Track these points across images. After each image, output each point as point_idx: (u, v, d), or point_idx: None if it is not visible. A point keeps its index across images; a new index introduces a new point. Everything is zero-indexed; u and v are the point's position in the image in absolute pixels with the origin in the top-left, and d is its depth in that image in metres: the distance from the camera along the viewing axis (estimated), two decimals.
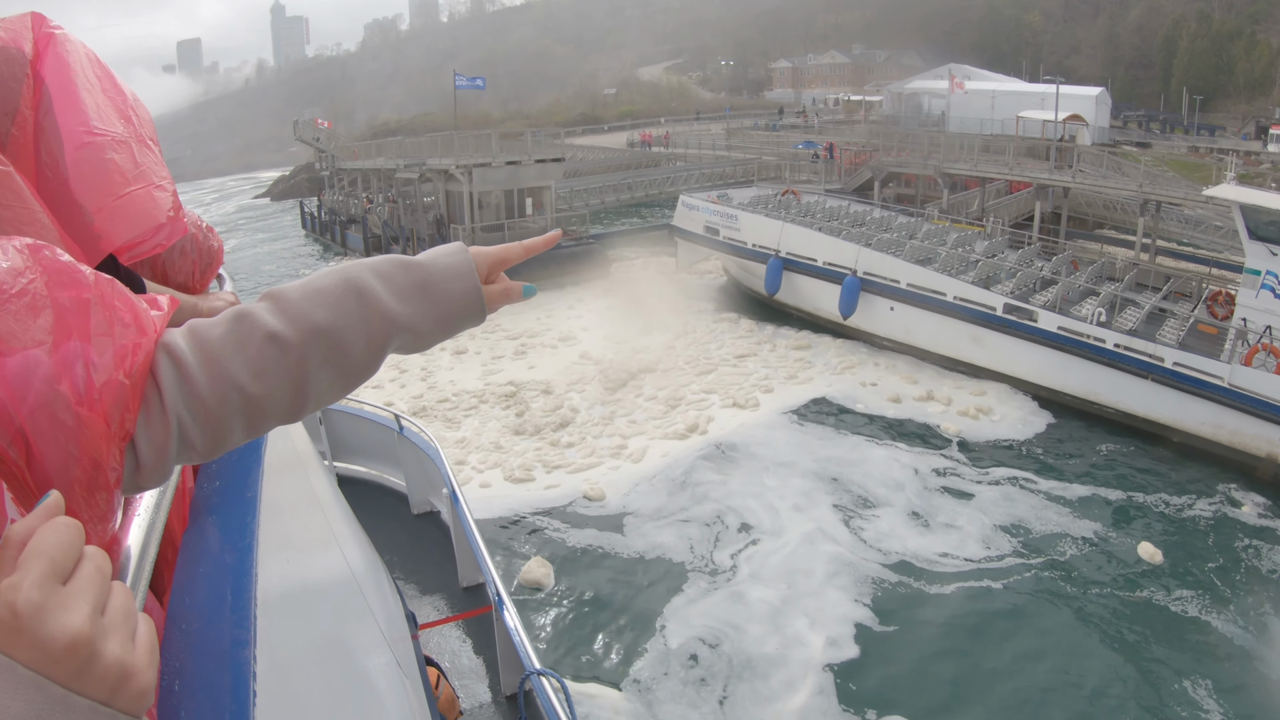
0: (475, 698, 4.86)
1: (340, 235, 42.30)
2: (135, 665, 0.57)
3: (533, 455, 16.72)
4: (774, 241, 25.24)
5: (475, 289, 1.03)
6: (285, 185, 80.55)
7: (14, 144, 1.41)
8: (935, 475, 16.02)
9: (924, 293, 21.84)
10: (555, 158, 32.14)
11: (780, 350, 22.90)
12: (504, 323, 25.29)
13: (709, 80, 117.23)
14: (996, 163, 36.05)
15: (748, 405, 19.10)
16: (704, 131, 69.05)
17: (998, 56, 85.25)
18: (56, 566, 0.56)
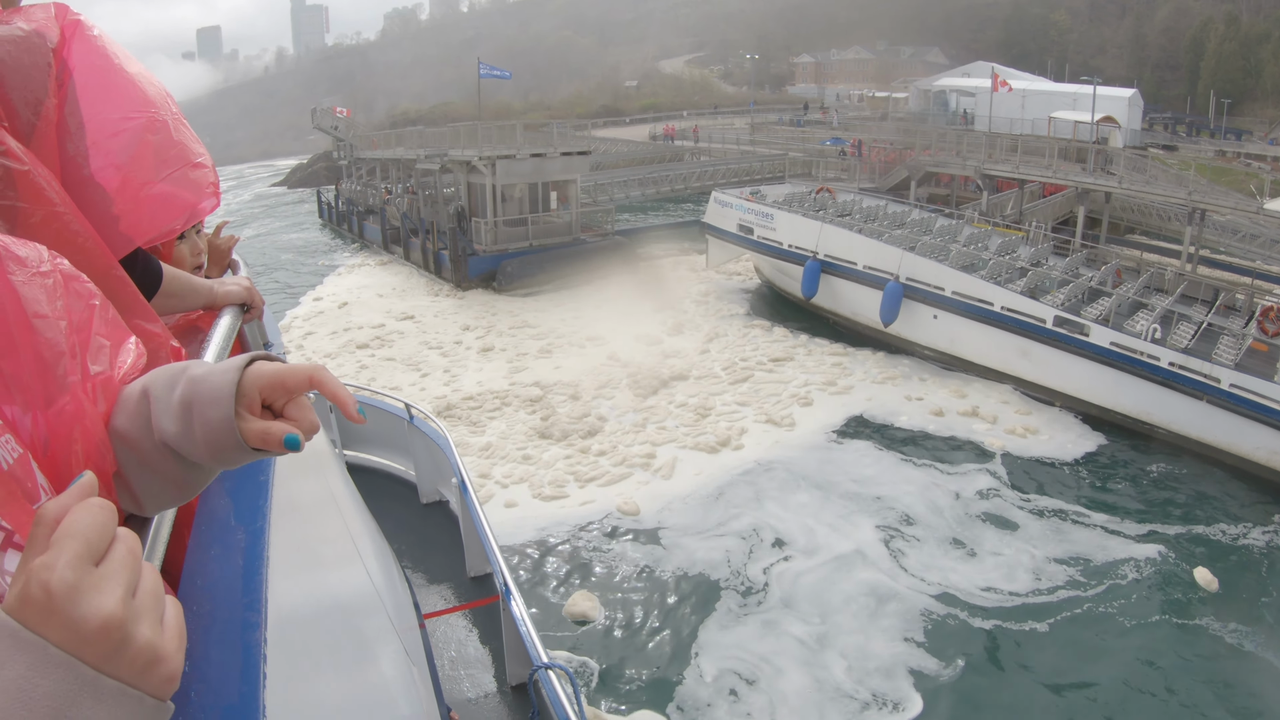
0: (481, 688, 4.85)
1: (358, 226, 41.36)
2: (165, 649, 0.57)
3: (563, 467, 15.73)
4: (812, 243, 24.11)
5: (228, 419, 0.90)
6: (303, 173, 79.82)
7: (38, 135, 1.41)
8: (979, 498, 15.10)
9: (970, 301, 20.72)
10: (581, 150, 31.06)
11: (817, 356, 21.81)
12: (530, 319, 24.39)
13: (731, 74, 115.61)
14: (1038, 165, 34.73)
15: (783, 423, 17.99)
16: (727, 126, 67.85)
17: (1023, 55, 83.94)
18: (90, 547, 0.56)
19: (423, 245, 31.87)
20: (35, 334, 0.85)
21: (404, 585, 3.96)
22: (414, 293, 29.43)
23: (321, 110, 50.11)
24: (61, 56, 1.49)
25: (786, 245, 24.88)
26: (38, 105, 1.41)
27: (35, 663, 0.52)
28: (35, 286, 0.86)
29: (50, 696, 0.52)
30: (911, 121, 63.40)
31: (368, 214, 41.07)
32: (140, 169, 1.55)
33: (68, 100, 1.49)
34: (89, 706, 0.53)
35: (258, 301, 2.19)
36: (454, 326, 24.95)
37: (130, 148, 1.55)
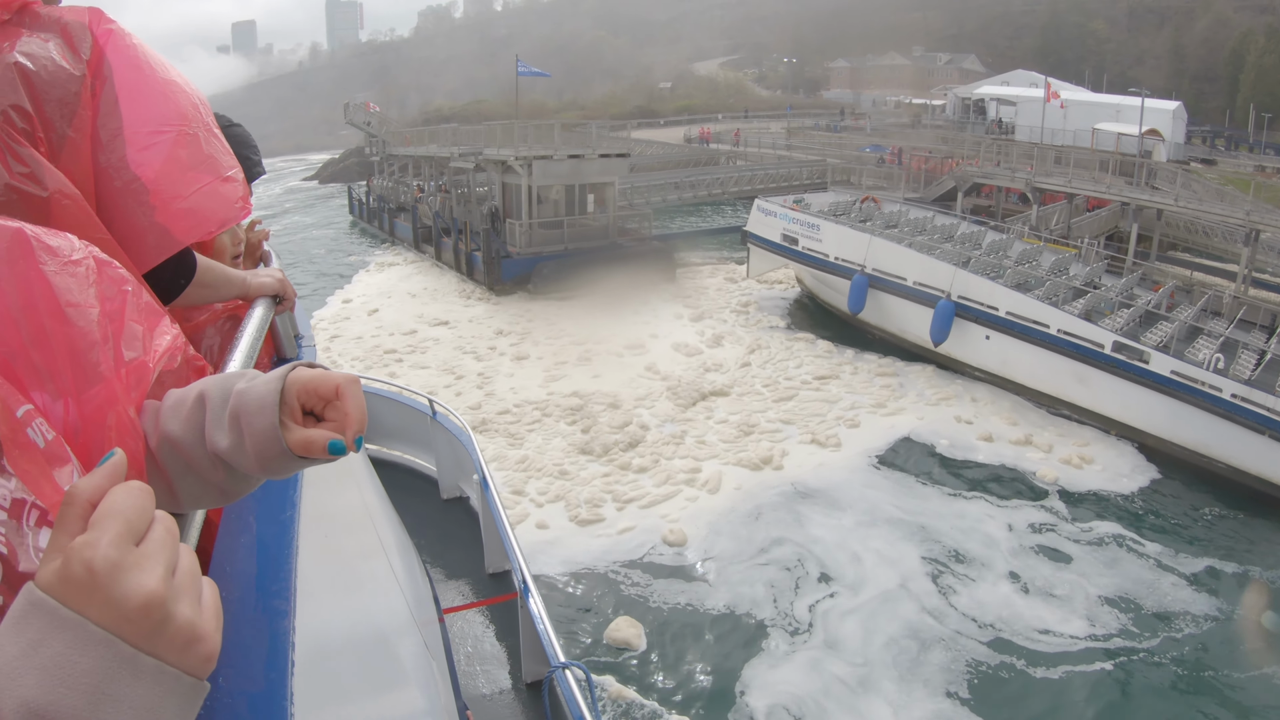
0: (496, 684, 4.85)
1: (389, 224, 40.77)
2: (204, 628, 0.58)
3: (600, 485, 14.95)
4: (860, 256, 23.13)
5: (273, 427, 0.91)
6: (334, 169, 79.71)
7: (70, 146, 1.43)
8: (1032, 531, 14.42)
9: (1025, 323, 19.78)
10: (620, 153, 30.13)
11: (864, 375, 20.85)
12: (566, 326, 23.57)
13: (765, 77, 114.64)
14: (1089, 179, 33.44)
15: (828, 444, 17.19)
16: (763, 130, 66.79)
17: (1060, 64, 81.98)
18: (132, 527, 0.57)
19: (455, 246, 31.16)
20: (68, 323, 0.86)
21: (425, 579, 3.97)
22: (445, 295, 28.67)
23: (354, 105, 49.60)
24: (95, 66, 1.51)
25: (833, 258, 23.93)
26: (70, 116, 1.43)
27: (74, 640, 0.52)
28: (67, 275, 0.88)
29: (89, 674, 0.52)
30: (950, 129, 62.29)
31: (399, 211, 40.47)
32: (170, 184, 1.56)
33: (101, 111, 1.50)
34: (127, 684, 0.53)
35: (290, 293, 2.21)
36: (488, 331, 24.18)
37: (160, 162, 1.55)
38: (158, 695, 0.54)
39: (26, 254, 0.85)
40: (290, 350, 2.47)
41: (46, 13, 1.51)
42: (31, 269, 0.85)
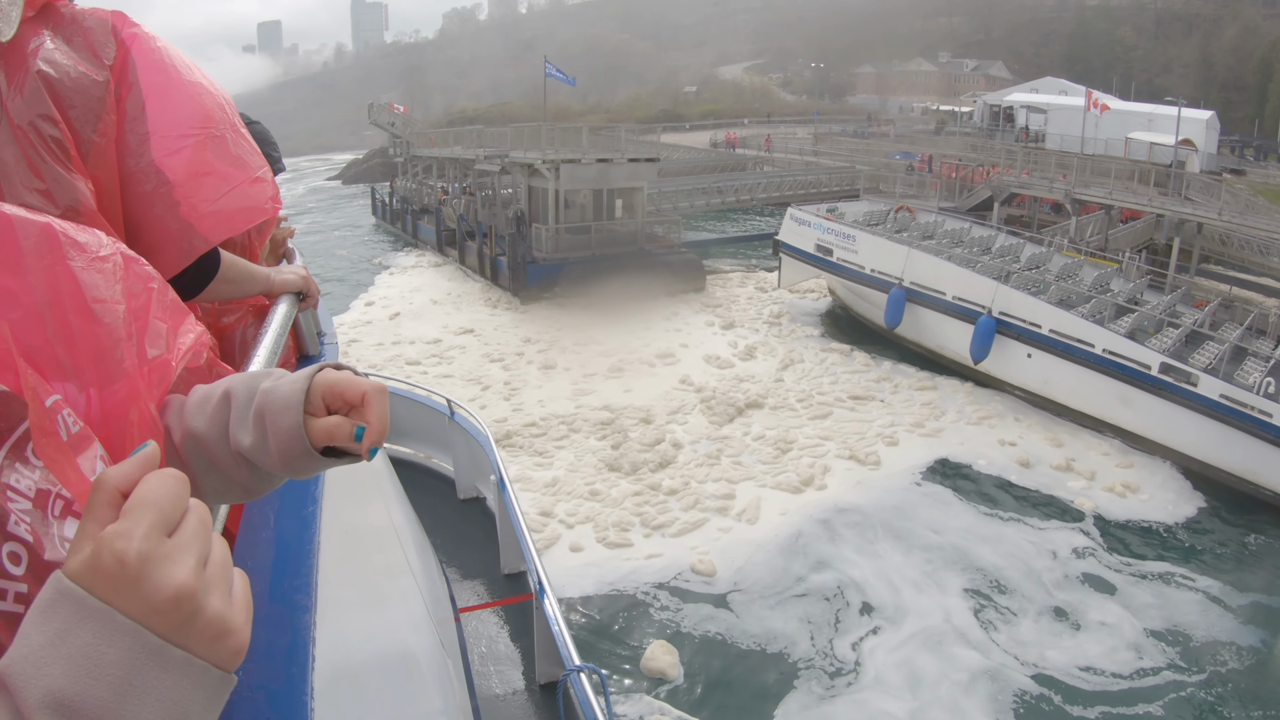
0: (510, 685, 4.83)
1: (412, 226, 40.32)
2: (235, 621, 0.57)
3: (630, 507, 14.31)
4: (897, 269, 22.37)
5: (297, 425, 0.91)
6: (358, 169, 79.86)
7: (96, 152, 1.44)
8: (1073, 559, 13.78)
9: (1069, 341, 19.04)
10: (650, 157, 29.39)
11: (903, 392, 20.10)
12: (595, 335, 22.89)
13: (790, 82, 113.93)
14: (1131, 191, 32.42)
15: (868, 461, 16.57)
16: (789, 135, 65.96)
17: (1087, 71, 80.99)
18: (165, 518, 0.56)
19: (479, 249, 30.52)
20: (93, 319, 0.87)
21: (441, 579, 3.96)
22: (470, 300, 28.06)
23: (379, 106, 49.25)
24: (119, 70, 1.50)
25: (869, 269, 23.18)
26: (96, 122, 1.43)
27: (103, 631, 0.52)
28: (94, 271, 0.88)
29: (117, 665, 0.51)
30: (979, 137, 61.25)
31: (422, 213, 40.04)
32: (198, 186, 1.56)
33: (127, 115, 1.50)
34: (155, 676, 0.53)
35: (313, 290, 2.21)
36: (515, 339, 23.53)
37: (188, 165, 1.55)
38: (185, 688, 0.54)
39: (54, 249, 0.85)
40: (313, 347, 2.46)
41: (69, 13, 1.49)
42: (59, 264, 0.85)
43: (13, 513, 0.67)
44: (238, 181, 1.64)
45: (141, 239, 1.53)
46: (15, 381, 0.72)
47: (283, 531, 1.26)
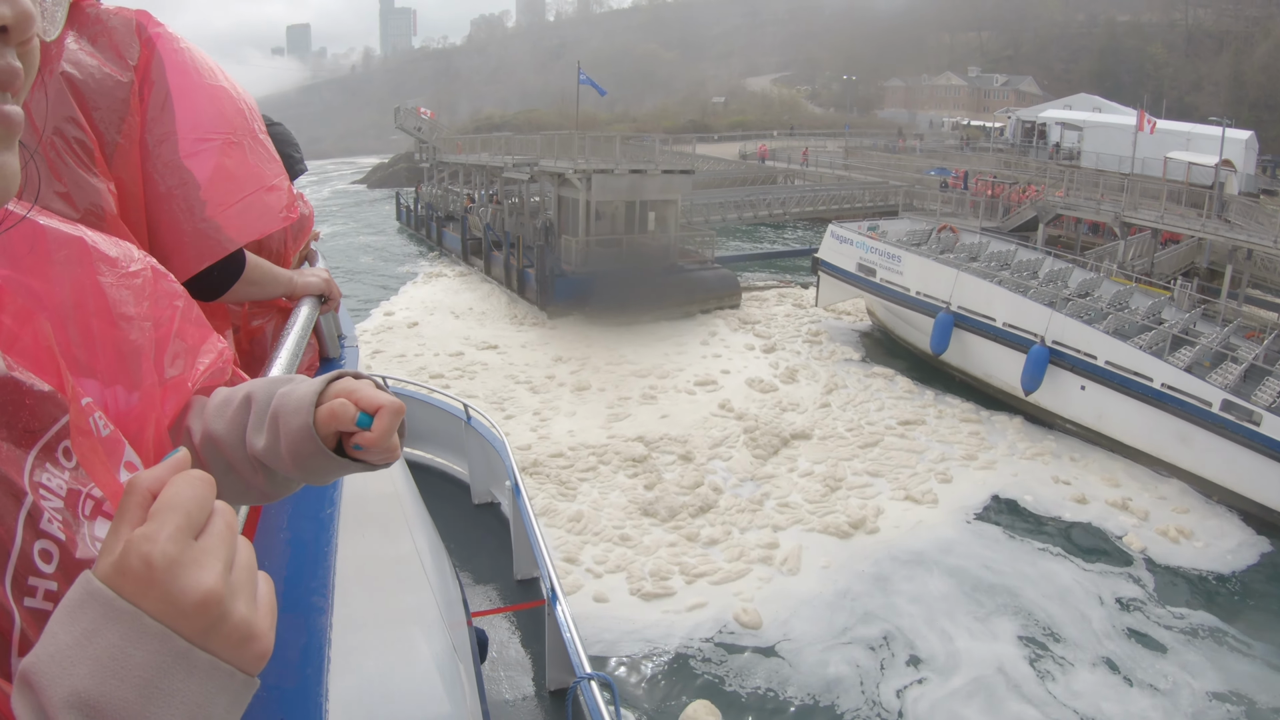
0: (520, 690, 4.83)
1: (437, 233, 39.56)
2: (259, 626, 0.57)
3: (667, 555, 13.24)
4: (945, 293, 21.29)
5: (307, 426, 0.92)
6: (383, 173, 79.81)
7: (120, 153, 1.46)
8: (1124, 609, 13.06)
9: (1125, 374, 17.96)
10: (684, 169, 28.35)
11: (950, 421, 19.02)
12: (629, 354, 21.85)
13: (818, 95, 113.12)
14: (1181, 215, 31.10)
15: (924, 500, 15.57)
16: (819, 148, 64.87)
17: (1117, 88, 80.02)
18: (191, 521, 0.57)
19: (506, 260, 29.57)
20: (118, 333, 0.89)
21: (455, 583, 4.06)
22: (494, 315, 27.07)
23: (405, 110, 48.42)
24: (143, 70, 1.51)
25: (914, 292, 22.10)
26: (120, 122, 1.45)
27: (129, 633, 0.52)
28: (123, 287, 0.91)
29: (143, 667, 0.51)
30: (1012, 153, 60.05)
31: (447, 221, 39.28)
32: (214, 192, 1.57)
33: (149, 115, 1.52)
34: (181, 679, 0.52)
35: (335, 293, 2.22)
36: (544, 357, 22.45)
37: (205, 171, 1.57)
38: (210, 691, 0.54)
39: (85, 263, 0.88)
40: (334, 350, 2.46)
41: (94, 12, 1.51)
42: (88, 277, 0.87)
43: (45, 510, 0.67)
44: (252, 189, 1.66)
45: (161, 238, 1.57)
46: (57, 381, 0.73)
47: (300, 534, 1.24)
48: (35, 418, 0.70)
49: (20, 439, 0.69)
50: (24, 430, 0.69)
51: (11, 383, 0.69)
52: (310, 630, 1.02)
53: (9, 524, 0.64)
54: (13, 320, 0.74)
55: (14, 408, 0.69)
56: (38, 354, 0.74)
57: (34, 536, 0.66)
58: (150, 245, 1.58)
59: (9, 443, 0.68)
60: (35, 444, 0.70)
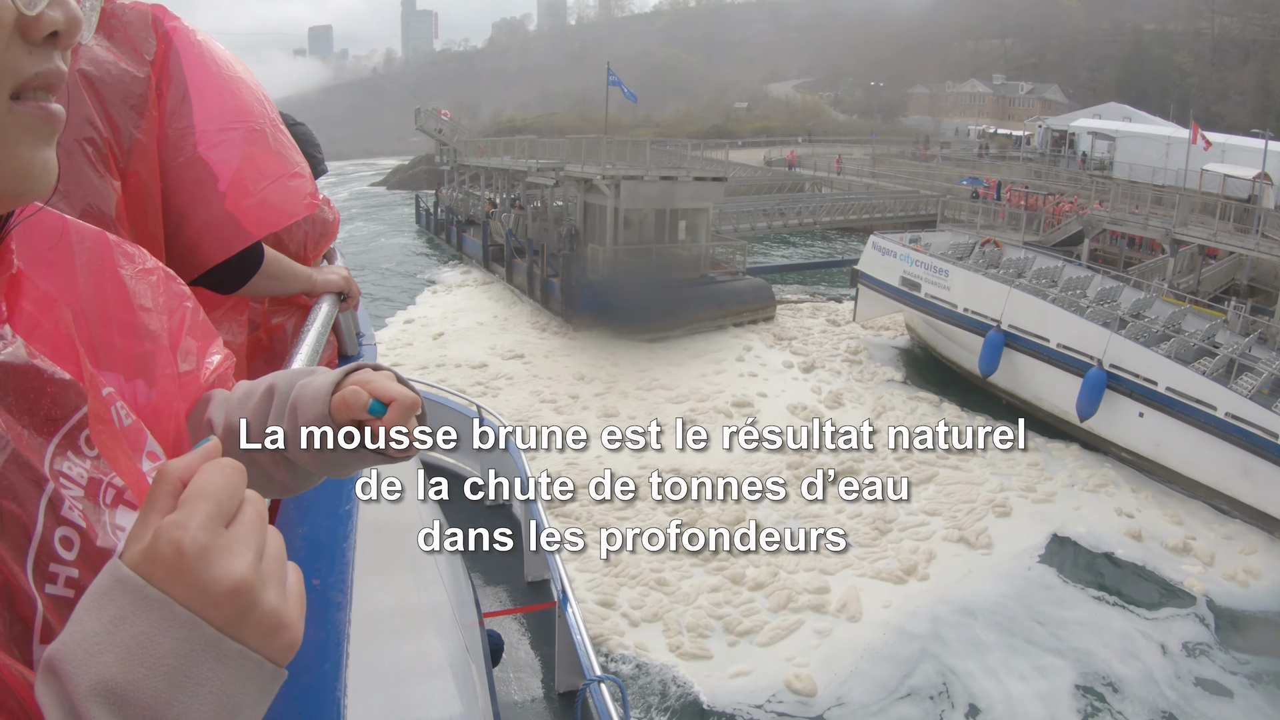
0: (529, 692, 4.87)
1: (457, 238, 38.59)
2: (289, 616, 0.57)
3: (707, 605, 12.17)
4: (995, 310, 20.13)
5: (322, 417, 0.92)
6: (403, 175, 79.51)
7: (138, 148, 1.47)
8: (1189, 655, 12.31)
9: (1187, 402, 16.89)
10: (717, 176, 27.17)
11: (1004, 450, 17.80)
12: (660, 375, 20.70)
13: (841, 101, 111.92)
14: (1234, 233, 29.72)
15: (978, 544, 14.53)
16: (845, 156, 63.66)
17: (1142, 97, 78.28)
18: (223, 509, 0.56)
19: (529, 269, 28.41)
20: (139, 325, 0.91)
21: (468, 583, 4.05)
22: (518, 324, 25.96)
23: (426, 111, 47.47)
24: (160, 65, 1.52)
25: (961, 309, 20.93)
26: (139, 118, 1.45)
27: (158, 620, 0.52)
28: (141, 281, 0.93)
29: (172, 655, 0.51)
30: (1041, 163, 58.77)
31: (468, 225, 38.29)
32: (239, 179, 1.58)
33: (168, 109, 1.53)
34: (210, 668, 0.52)
35: (354, 291, 2.23)
36: (568, 374, 21.27)
37: (229, 158, 1.58)
38: (239, 680, 0.53)
39: (107, 256, 0.90)
40: (352, 348, 2.46)
41: (109, 8, 1.51)
42: (109, 270, 0.89)
43: (66, 498, 0.67)
44: (279, 174, 1.65)
45: (184, 232, 1.57)
46: (77, 370, 0.74)
47: (318, 529, 1.25)
48: (56, 405, 0.70)
49: (41, 426, 0.69)
50: (45, 418, 0.69)
51: (32, 370, 0.70)
52: (329, 626, 1.01)
53: (31, 510, 0.64)
54: (34, 307, 0.74)
55: (35, 395, 0.69)
56: (58, 342, 0.75)
57: (55, 523, 0.65)
58: (174, 238, 1.60)
59: (30, 430, 0.68)
60: (57, 432, 0.70)
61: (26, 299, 0.74)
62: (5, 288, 0.71)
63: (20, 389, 0.68)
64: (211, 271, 1.66)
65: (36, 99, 0.63)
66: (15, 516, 0.62)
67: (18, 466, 0.64)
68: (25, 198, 0.66)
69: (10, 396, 0.67)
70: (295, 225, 2.13)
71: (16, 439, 0.66)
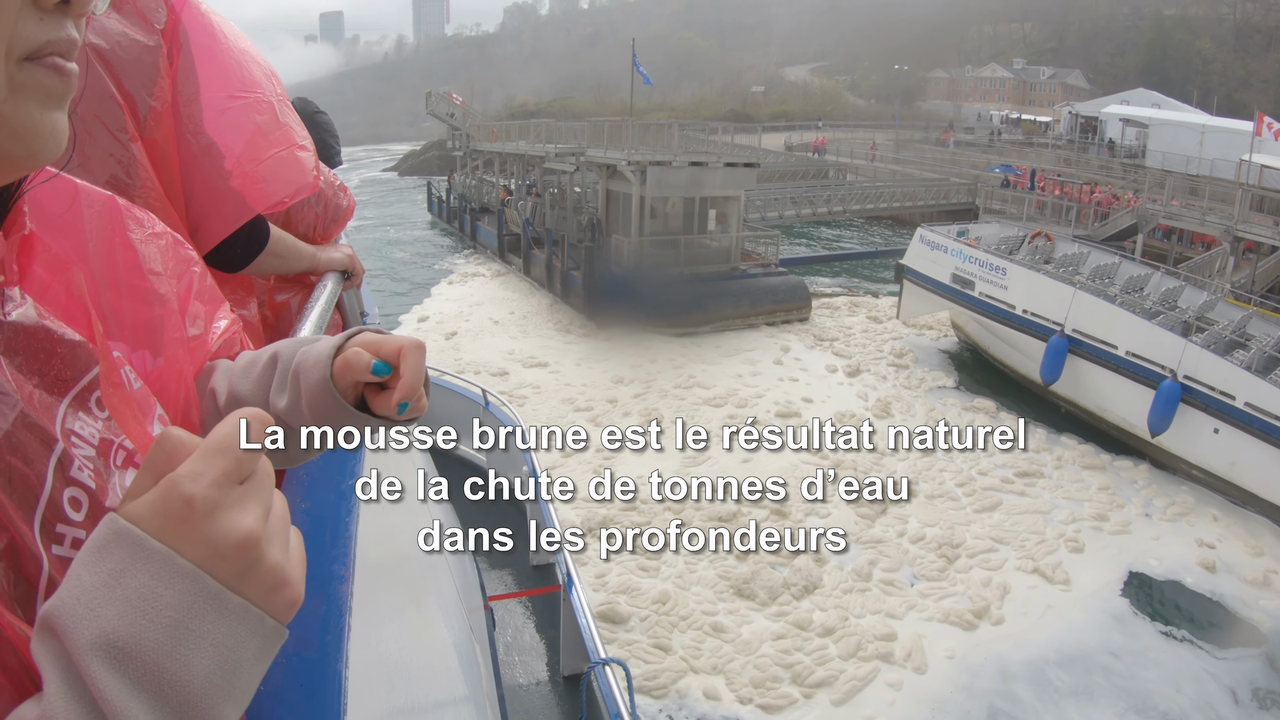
0: (534, 675, 4.91)
1: (470, 227, 36.91)
2: (292, 574, 0.57)
3: (773, 652, 10.60)
4: (1059, 313, 18.44)
5: (324, 380, 0.91)
6: (414, 161, 78.40)
7: (153, 117, 1.47)
8: (1256, 704, 11.01)
9: (1266, 419, 15.38)
10: (749, 162, 25.30)
11: (1071, 470, 16.30)
12: (697, 373, 19.06)
13: (857, 85, 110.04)
14: None
15: (1055, 578, 12.92)
16: (865, 140, 61.76)
17: (1164, 83, 76.62)
18: (241, 466, 0.56)
19: (548, 261, 26.68)
20: (148, 288, 0.91)
21: (473, 567, 4.12)
22: (537, 321, 24.15)
23: (437, 95, 45.51)
24: (171, 34, 1.52)
25: (1020, 310, 19.24)
26: (151, 87, 1.46)
27: (161, 573, 0.51)
28: (151, 246, 0.93)
29: (173, 607, 0.51)
30: (1070, 150, 56.93)
31: (482, 214, 36.58)
32: (246, 148, 1.58)
33: (178, 78, 1.53)
34: (211, 620, 0.52)
35: (358, 269, 2.25)
36: (602, 378, 19.41)
37: (236, 127, 1.58)
38: (240, 634, 0.53)
39: (117, 220, 0.90)
40: (356, 325, 2.08)
41: None
42: (119, 234, 0.90)
43: (76, 458, 0.67)
44: (284, 145, 1.63)
45: (197, 198, 1.57)
46: (88, 331, 0.74)
47: (321, 502, 1.24)
48: (67, 366, 0.70)
49: (52, 387, 0.69)
50: (55, 379, 0.69)
51: (43, 331, 0.70)
52: (330, 599, 0.99)
53: (39, 469, 0.64)
54: (44, 270, 0.74)
55: (45, 356, 0.69)
56: (70, 304, 0.75)
57: (64, 484, 0.65)
58: (186, 206, 1.58)
59: (41, 390, 0.68)
60: (68, 393, 0.70)
61: (38, 262, 0.73)
62: (17, 250, 0.70)
63: (30, 350, 0.68)
64: (218, 249, 1.64)
65: (49, 58, 0.61)
66: (23, 476, 0.62)
67: (26, 426, 0.63)
68: (37, 160, 0.64)
69: (20, 357, 0.67)
70: (305, 206, 2.13)
71: (26, 399, 0.65)
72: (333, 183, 2.29)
